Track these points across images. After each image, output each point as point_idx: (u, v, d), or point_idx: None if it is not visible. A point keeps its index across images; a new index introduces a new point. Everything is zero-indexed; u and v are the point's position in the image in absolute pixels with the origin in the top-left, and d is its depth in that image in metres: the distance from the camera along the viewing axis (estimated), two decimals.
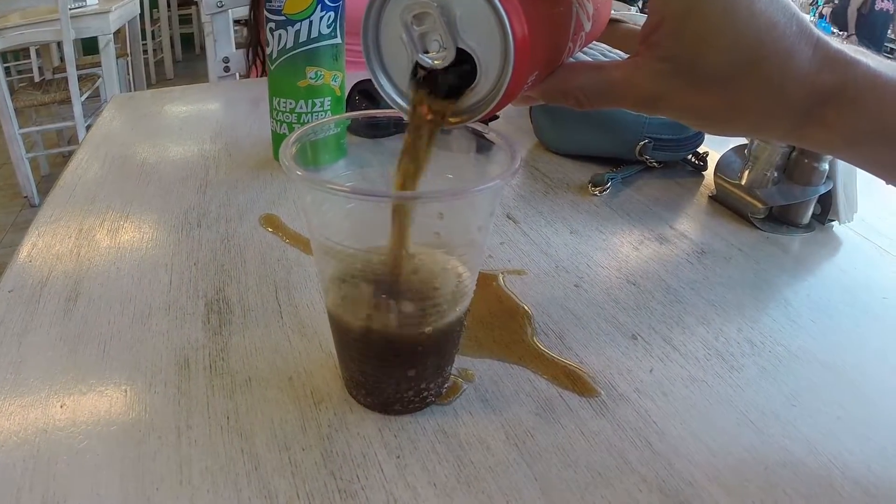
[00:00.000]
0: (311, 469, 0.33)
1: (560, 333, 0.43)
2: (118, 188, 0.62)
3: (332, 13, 0.60)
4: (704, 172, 0.69)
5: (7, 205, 2.74)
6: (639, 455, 0.34)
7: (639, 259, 0.53)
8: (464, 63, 0.28)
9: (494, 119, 0.75)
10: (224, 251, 0.52)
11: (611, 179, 0.65)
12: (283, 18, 0.59)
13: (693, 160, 0.70)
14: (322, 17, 0.60)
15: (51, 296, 0.46)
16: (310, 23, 0.59)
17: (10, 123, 2.47)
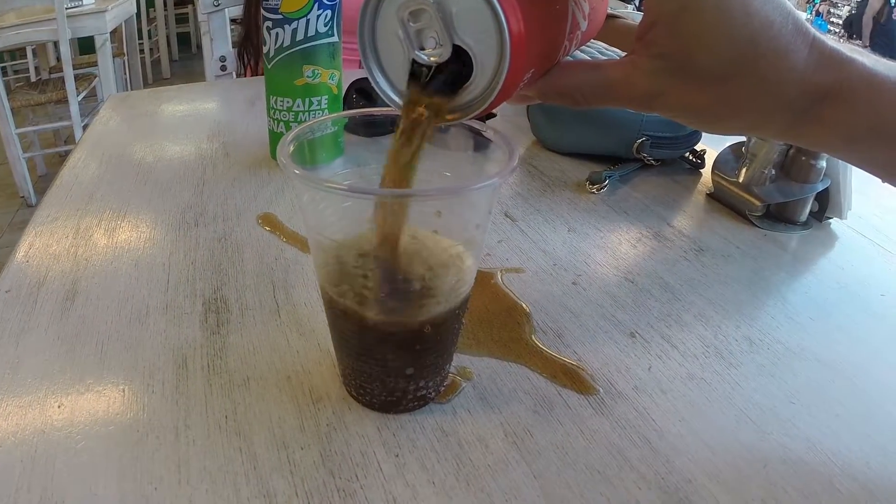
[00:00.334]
0: (310, 468, 0.33)
1: (558, 331, 0.43)
2: (115, 188, 0.62)
3: (329, 11, 0.60)
4: (702, 170, 0.69)
5: (4, 205, 2.74)
6: (638, 453, 0.34)
7: (637, 257, 0.53)
8: (460, 60, 0.28)
9: (492, 117, 0.75)
10: (221, 250, 0.52)
11: (608, 177, 0.65)
12: (280, 17, 0.59)
13: (690, 158, 0.70)
14: (319, 16, 0.60)
15: (48, 296, 0.45)
16: (307, 21, 0.59)
17: (7, 123, 2.46)
